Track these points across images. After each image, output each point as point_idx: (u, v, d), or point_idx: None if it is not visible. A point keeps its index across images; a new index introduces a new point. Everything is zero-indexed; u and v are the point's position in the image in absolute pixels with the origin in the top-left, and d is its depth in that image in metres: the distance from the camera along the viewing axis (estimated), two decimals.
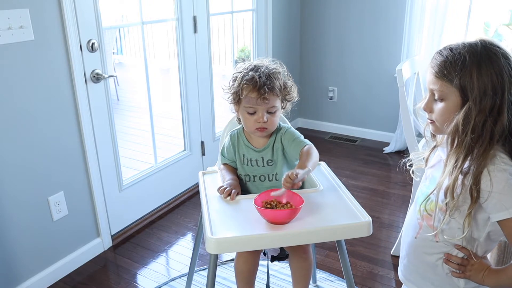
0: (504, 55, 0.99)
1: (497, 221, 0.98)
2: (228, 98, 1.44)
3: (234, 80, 1.40)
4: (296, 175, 1.21)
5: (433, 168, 1.16)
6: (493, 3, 3.30)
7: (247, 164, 1.48)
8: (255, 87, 1.34)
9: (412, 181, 1.08)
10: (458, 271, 1.08)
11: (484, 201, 0.98)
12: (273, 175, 1.47)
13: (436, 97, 1.05)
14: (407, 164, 1.23)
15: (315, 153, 1.38)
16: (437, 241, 1.10)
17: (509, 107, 0.98)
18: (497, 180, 0.96)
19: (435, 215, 1.07)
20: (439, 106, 1.05)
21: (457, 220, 1.04)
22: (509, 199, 0.95)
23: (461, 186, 1.00)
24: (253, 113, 1.38)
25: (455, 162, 1.01)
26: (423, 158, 1.21)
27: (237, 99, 1.40)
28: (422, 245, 1.14)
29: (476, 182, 0.97)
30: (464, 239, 1.05)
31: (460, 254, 1.08)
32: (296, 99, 1.48)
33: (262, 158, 1.46)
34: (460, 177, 1.00)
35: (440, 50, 1.05)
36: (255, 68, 1.38)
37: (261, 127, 1.39)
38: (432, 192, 1.07)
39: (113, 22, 4.12)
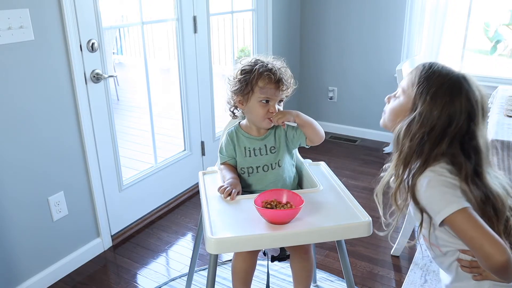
0: (469, 97, 1.03)
1: (442, 225, 0.99)
2: (236, 89, 1.46)
3: (247, 72, 1.43)
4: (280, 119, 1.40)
5: None
6: (493, 3, 3.30)
7: (250, 155, 1.50)
8: (275, 78, 1.41)
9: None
10: (475, 274, 1.08)
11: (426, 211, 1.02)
12: (276, 163, 1.49)
13: (397, 94, 1.14)
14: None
15: (317, 124, 1.46)
16: (444, 253, 1.11)
17: (453, 140, 1.02)
18: (420, 188, 1.00)
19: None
20: (394, 101, 1.14)
21: (439, 229, 1.06)
22: (436, 202, 0.98)
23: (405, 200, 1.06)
24: (266, 104, 1.44)
25: (397, 171, 1.07)
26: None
27: (249, 90, 1.43)
28: (440, 262, 1.15)
29: (414, 198, 1.03)
30: (459, 242, 1.06)
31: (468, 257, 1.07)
32: (292, 93, 1.54)
33: (265, 146, 1.50)
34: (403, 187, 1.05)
35: (429, 62, 1.12)
36: (266, 62, 1.45)
37: (271, 117, 1.45)
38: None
39: (113, 22, 4.12)
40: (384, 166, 1.19)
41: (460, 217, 0.95)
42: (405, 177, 1.06)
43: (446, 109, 1.02)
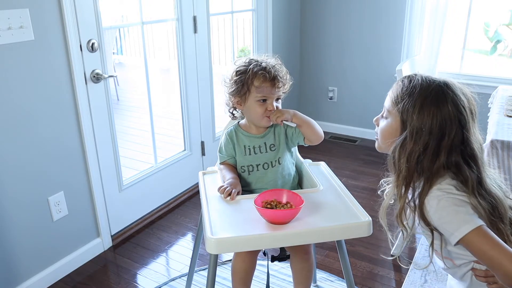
0: (455, 102, 1.01)
1: (458, 244, 0.97)
2: (232, 91, 1.47)
3: (242, 73, 1.44)
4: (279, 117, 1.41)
5: None
6: (493, 3, 3.31)
7: (250, 154, 1.50)
8: (270, 77, 1.41)
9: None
10: (491, 283, 1.06)
11: (437, 227, 1.00)
12: (275, 160, 1.49)
13: (384, 115, 1.12)
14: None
15: (315, 124, 1.47)
16: (458, 265, 1.10)
17: (452, 151, 1.00)
18: (430, 209, 0.98)
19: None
20: (382, 122, 1.12)
21: (451, 244, 1.04)
22: (448, 224, 0.96)
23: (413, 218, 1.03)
24: (264, 103, 1.44)
25: (399, 192, 1.04)
26: None
27: (245, 90, 1.44)
28: (453, 273, 1.14)
29: (423, 218, 1.00)
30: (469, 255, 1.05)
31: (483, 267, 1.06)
32: (289, 90, 1.54)
33: (265, 143, 1.50)
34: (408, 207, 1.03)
35: (406, 76, 1.10)
36: (260, 61, 1.46)
37: (270, 115, 1.45)
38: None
39: (113, 22, 4.12)
40: (380, 182, 1.17)
41: (476, 237, 0.93)
42: (409, 197, 1.03)
43: (436, 121, 1.00)
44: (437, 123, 1.00)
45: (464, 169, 1.01)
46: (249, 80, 1.42)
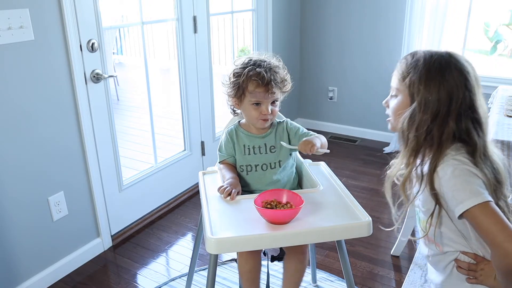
0: (459, 68, 1.03)
1: (461, 217, 0.97)
2: (230, 92, 1.48)
3: (238, 76, 1.44)
4: (316, 148, 1.36)
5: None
6: (493, 3, 3.31)
7: (249, 153, 1.50)
8: (263, 83, 1.40)
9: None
10: (471, 278, 1.07)
11: (444, 201, 1.00)
12: (275, 162, 1.49)
13: (392, 94, 1.13)
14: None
15: (324, 140, 1.50)
16: (444, 252, 1.10)
17: (460, 116, 1.01)
18: (443, 176, 0.98)
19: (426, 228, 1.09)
20: (392, 101, 1.13)
21: (446, 226, 1.04)
22: (459, 192, 0.96)
23: (419, 186, 1.04)
24: (258, 106, 1.44)
25: (407, 161, 1.05)
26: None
27: (241, 93, 1.45)
28: (437, 261, 1.14)
29: (431, 185, 1.00)
30: (460, 244, 1.05)
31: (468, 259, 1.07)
32: (290, 89, 1.54)
33: (265, 144, 1.50)
34: (415, 175, 1.04)
35: (409, 53, 1.12)
36: (257, 63, 1.44)
37: (265, 118, 1.45)
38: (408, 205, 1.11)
39: (113, 22, 4.12)
40: (390, 162, 1.17)
41: (483, 211, 0.93)
42: (417, 164, 1.04)
43: (443, 89, 1.01)
44: (444, 90, 1.01)
45: (474, 135, 1.01)
46: (244, 84, 1.43)
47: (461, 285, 1.09)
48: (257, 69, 1.42)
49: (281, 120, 1.57)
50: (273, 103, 1.46)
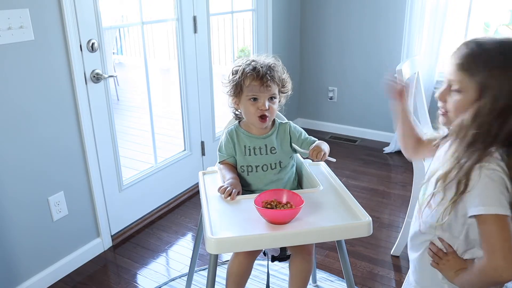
0: None
1: (474, 216, 0.97)
2: (229, 91, 1.50)
3: (235, 73, 1.47)
4: (324, 154, 1.40)
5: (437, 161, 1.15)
6: (493, 3, 3.30)
7: (250, 154, 1.50)
8: (258, 76, 1.42)
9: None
10: (435, 262, 1.09)
11: (467, 192, 0.98)
12: (275, 163, 1.49)
13: (452, 88, 1.03)
14: None
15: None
16: (422, 232, 1.11)
17: None
18: (484, 177, 0.97)
19: (422, 206, 1.10)
20: (454, 98, 1.03)
21: (438, 211, 1.04)
22: (488, 197, 0.95)
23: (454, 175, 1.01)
24: (255, 102, 1.45)
25: (455, 152, 1.01)
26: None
27: (238, 90, 1.46)
28: (419, 235, 1.14)
29: (467, 175, 0.98)
30: (446, 235, 1.06)
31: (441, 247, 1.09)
32: (290, 92, 1.55)
33: (266, 145, 1.50)
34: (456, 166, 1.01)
35: (467, 42, 1.02)
36: (256, 61, 1.47)
37: (263, 114, 1.45)
38: (426, 181, 1.10)
39: (113, 22, 4.12)
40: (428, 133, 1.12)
41: (499, 223, 0.93)
42: (463, 158, 1.00)
43: None
44: None
45: None
46: (241, 80, 1.45)
47: (429, 273, 1.12)
48: (252, 63, 1.45)
49: (284, 122, 1.57)
50: (271, 99, 1.46)
